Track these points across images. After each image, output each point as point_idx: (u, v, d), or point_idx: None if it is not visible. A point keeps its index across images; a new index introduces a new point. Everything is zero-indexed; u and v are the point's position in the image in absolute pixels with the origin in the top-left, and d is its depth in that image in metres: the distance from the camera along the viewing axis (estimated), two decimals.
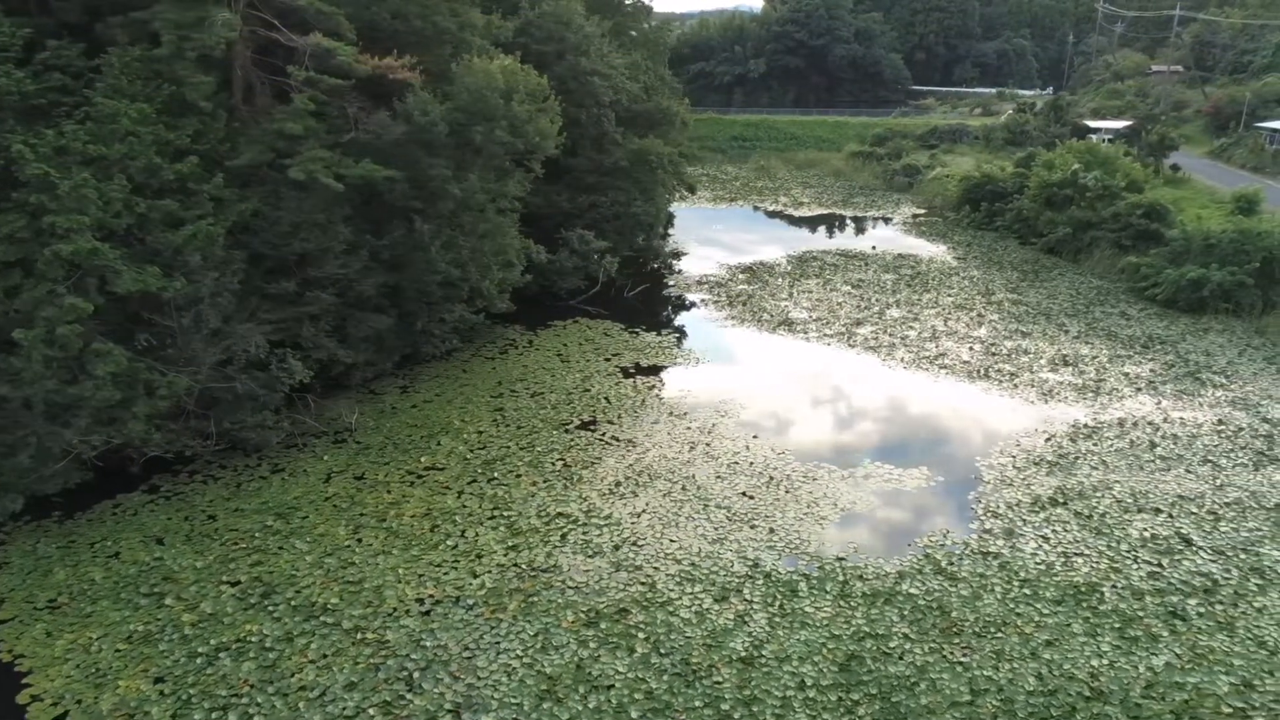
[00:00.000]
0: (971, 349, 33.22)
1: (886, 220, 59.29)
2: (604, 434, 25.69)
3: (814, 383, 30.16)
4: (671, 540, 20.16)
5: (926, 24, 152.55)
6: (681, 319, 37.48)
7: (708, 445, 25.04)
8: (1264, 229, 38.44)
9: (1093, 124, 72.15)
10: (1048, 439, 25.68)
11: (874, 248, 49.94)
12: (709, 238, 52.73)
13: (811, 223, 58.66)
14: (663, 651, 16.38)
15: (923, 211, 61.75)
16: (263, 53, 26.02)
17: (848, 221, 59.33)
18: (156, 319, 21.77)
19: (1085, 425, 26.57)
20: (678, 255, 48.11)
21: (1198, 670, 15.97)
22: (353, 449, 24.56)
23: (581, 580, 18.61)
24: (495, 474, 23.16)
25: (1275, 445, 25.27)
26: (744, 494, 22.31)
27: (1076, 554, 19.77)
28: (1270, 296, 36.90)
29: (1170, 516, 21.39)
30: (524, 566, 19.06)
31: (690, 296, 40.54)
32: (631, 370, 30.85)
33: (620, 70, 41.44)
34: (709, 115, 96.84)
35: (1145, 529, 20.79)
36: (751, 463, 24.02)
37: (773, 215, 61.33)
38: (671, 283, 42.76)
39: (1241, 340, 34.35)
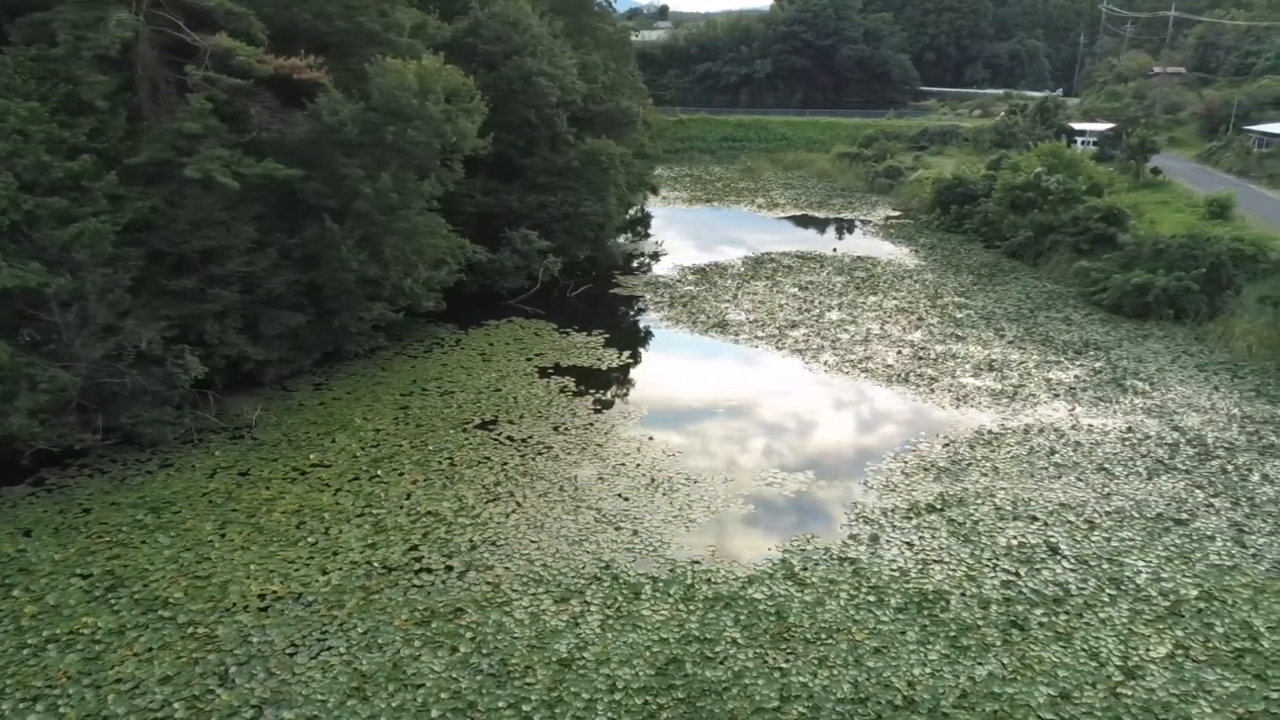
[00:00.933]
0: (900, 353, 32.95)
1: (858, 223, 58.93)
2: (500, 434, 25.77)
3: (728, 386, 30.05)
4: (532, 541, 20.20)
5: (938, 24, 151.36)
6: (618, 320, 37.47)
7: (600, 446, 25.05)
8: (1213, 234, 37.83)
9: (1078, 126, 71.29)
10: (946, 445, 25.44)
11: (834, 250, 49.68)
12: (672, 238, 52.68)
13: (781, 225, 58.42)
14: (484, 652, 16.42)
15: (897, 214, 61.33)
16: (172, 52, 26.32)
17: (817, 224, 59.01)
18: (41, 315, 22.11)
19: (990, 431, 26.29)
20: (653, 255, 48.16)
21: (1018, 681, 15.77)
22: (247, 445, 24.80)
23: (429, 579, 18.69)
24: (379, 472, 23.31)
25: (1177, 454, 24.88)
26: (620, 495, 22.29)
27: (936, 561, 19.58)
28: (1216, 302, 36.31)
29: (1045, 525, 21.12)
30: (376, 565, 19.17)
31: (634, 297, 40.54)
32: (549, 370, 30.91)
33: (571, 70, 41.42)
34: (701, 115, 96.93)
35: (1015, 537, 20.55)
36: (639, 465, 24.00)
37: (744, 217, 61.14)
38: (619, 283, 42.74)
39: (1179, 347, 33.82)
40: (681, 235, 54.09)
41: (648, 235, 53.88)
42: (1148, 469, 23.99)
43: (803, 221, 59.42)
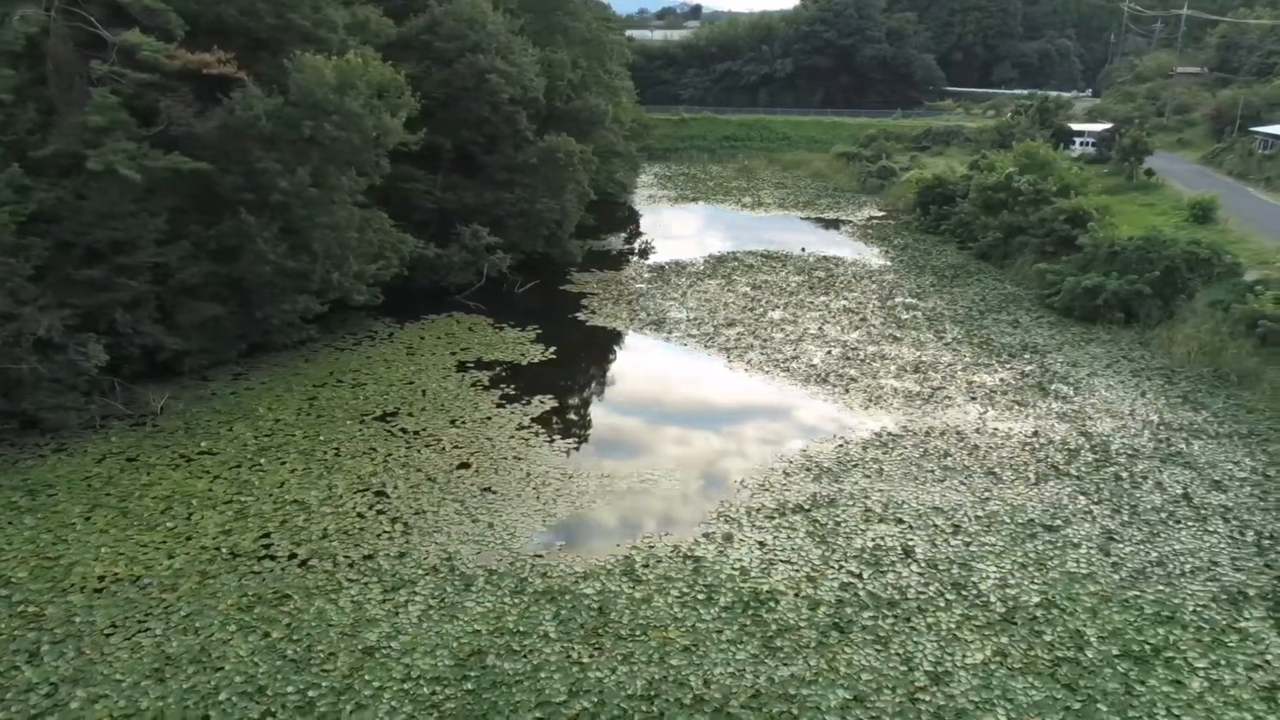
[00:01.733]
0: (829, 353, 32.59)
1: (838, 223, 58.31)
2: (396, 426, 25.99)
3: (639, 383, 30.04)
4: (385, 531, 20.37)
5: (965, 24, 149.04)
6: (557, 316, 37.47)
7: (489, 440, 25.15)
8: (1170, 237, 36.83)
9: (1076, 126, 69.72)
10: (840, 446, 25.11)
11: (803, 250, 49.20)
12: (646, 236, 52.62)
13: (760, 224, 57.97)
14: (295, 638, 16.61)
15: (881, 214, 60.62)
16: (88, 48, 26.93)
17: (796, 224, 58.47)
18: None
19: (889, 433, 25.90)
20: (618, 253, 48.19)
21: (818, 683, 15.55)
22: (145, 432, 25.30)
23: (269, 566, 18.93)
24: (262, 461, 23.65)
25: (1075, 460, 24.30)
26: (488, 489, 22.37)
27: (782, 561, 19.36)
28: (1171, 307, 35.32)
29: (910, 528, 20.77)
30: (224, 551, 19.46)
31: (582, 294, 40.55)
32: (469, 365, 31.08)
33: (528, 68, 41.54)
34: (705, 115, 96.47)
35: (874, 540, 20.23)
36: (520, 459, 24.07)
37: (725, 215, 60.81)
38: (572, 280, 42.79)
39: (1120, 351, 33.00)
40: (657, 233, 54.02)
41: (638, 234, 53.83)
42: (1038, 474, 23.45)
43: (782, 221, 58.94)
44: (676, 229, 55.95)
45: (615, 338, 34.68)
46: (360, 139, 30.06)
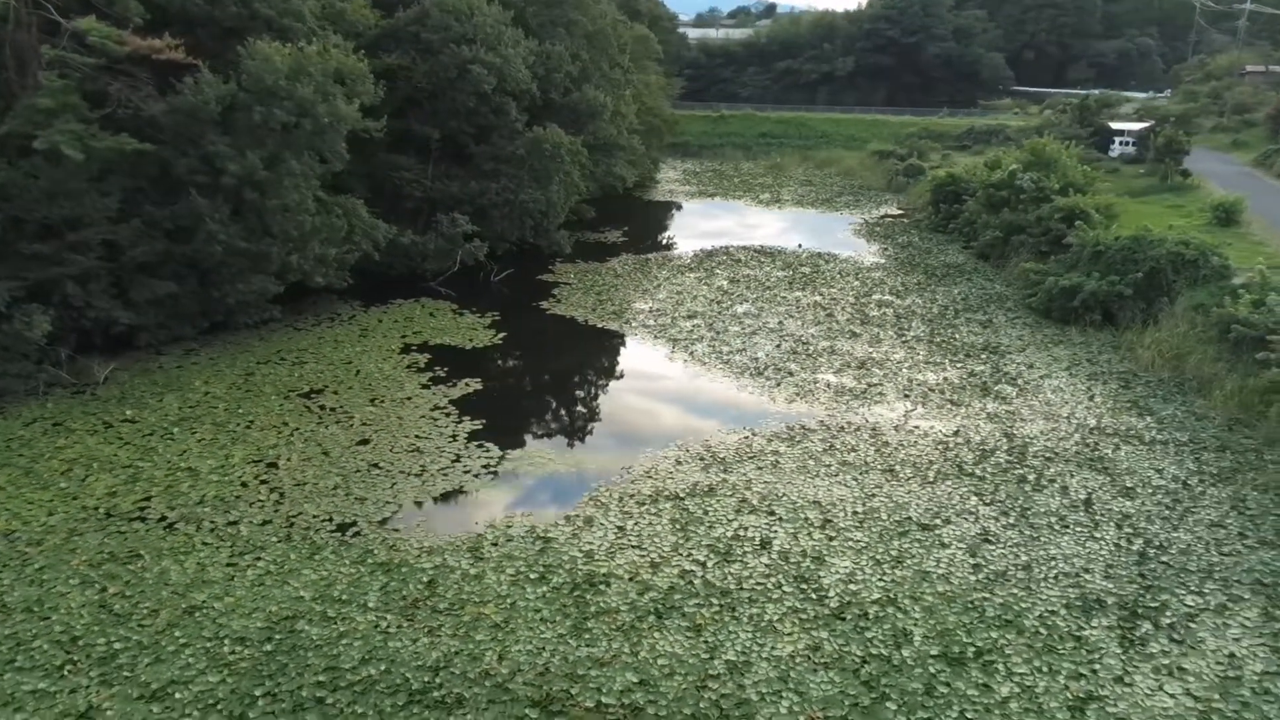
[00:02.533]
0: (779, 347, 32.08)
1: (849, 220, 57.11)
2: (317, 402, 26.64)
3: (572, 370, 30.19)
4: (258, 498, 20.94)
5: (1038, 22, 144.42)
6: (523, 304, 37.70)
7: (399, 419, 25.56)
8: (1158, 238, 35.06)
9: (1116, 125, 66.79)
10: (745, 438, 24.73)
11: (800, 245, 48.47)
12: (640, 230, 52.56)
13: (769, 220, 57.20)
14: (128, 594, 17.23)
15: (899, 213, 59.22)
16: (48, 33, 28.36)
17: (806, 220, 57.47)
18: None
19: (802, 427, 25.39)
20: (610, 245, 48.37)
21: (610, 666, 15.41)
22: (83, 400, 26.50)
23: (138, 527, 19.65)
24: (176, 430, 24.54)
25: (985, 461, 23.43)
26: (376, 465, 22.77)
27: (633, 547, 19.21)
28: (1154, 310, 33.62)
29: (780, 520, 20.35)
30: (102, 511, 20.29)
31: (556, 284, 40.74)
32: (414, 347, 31.61)
33: (513, 59, 41.93)
34: (744, 112, 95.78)
35: (736, 530, 19.90)
36: (422, 436, 24.41)
37: (738, 211, 60.21)
38: (551, 270, 43.02)
39: (1087, 354, 31.61)
40: (658, 228, 53.96)
41: (639, 228, 53.75)
42: (938, 474, 22.69)
43: (793, 218, 58.05)
44: (680, 223, 55.77)
45: (569, 326, 34.79)
46: (313, 125, 30.90)
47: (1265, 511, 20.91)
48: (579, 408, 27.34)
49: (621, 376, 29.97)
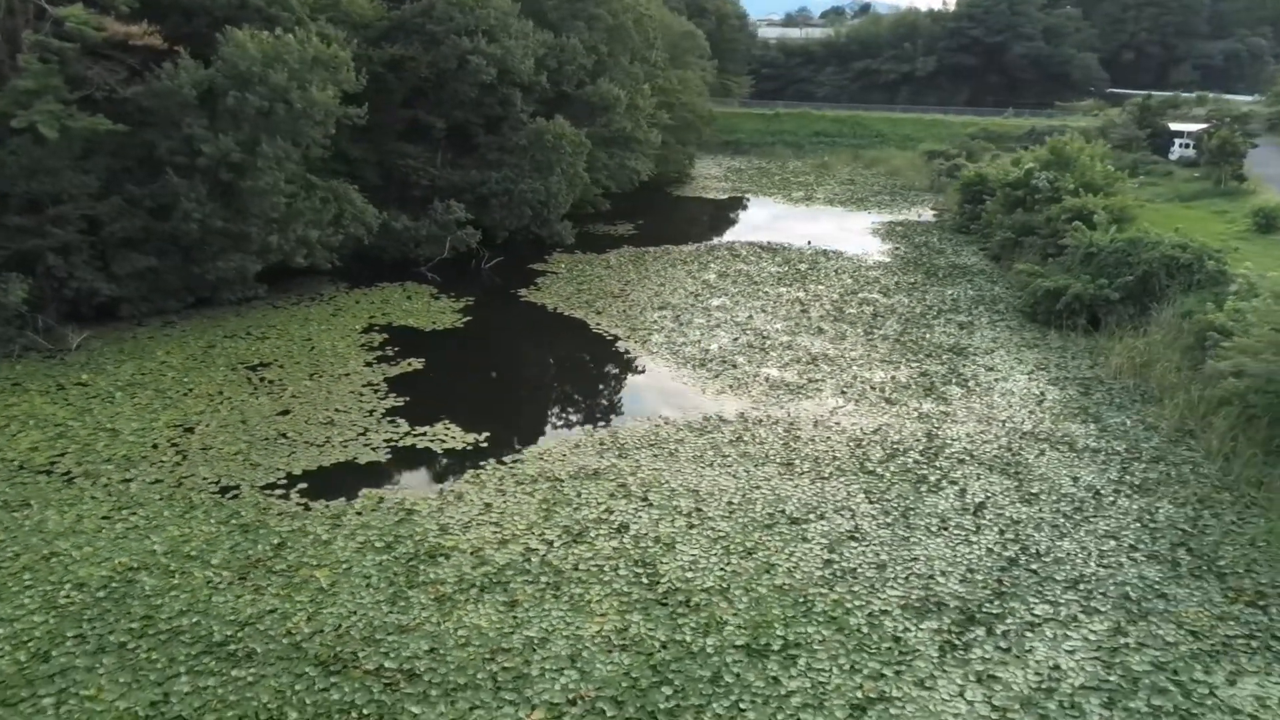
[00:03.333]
0: (735, 340, 31.69)
1: (873, 220, 55.72)
2: (260, 375, 27.67)
3: (517, 354, 30.56)
4: (162, 459, 21.92)
5: (1138, 21, 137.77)
6: (503, 291, 38.24)
7: (329, 394, 26.31)
8: (1154, 240, 33.14)
9: (1175, 126, 63.19)
10: (655, 426, 24.56)
11: (809, 242, 47.65)
12: (653, 224, 52.50)
13: (790, 217, 56.32)
14: (1, 537, 18.34)
15: (933, 212, 57.51)
16: (38, 18, 30.30)
17: (829, 217, 56.34)
18: None
19: (718, 418, 25.07)
20: (617, 237, 48.61)
21: (410, 633, 15.62)
22: (50, 364, 28.18)
23: (41, 480, 20.85)
24: (119, 394, 25.88)
25: (891, 460, 22.67)
26: (283, 434, 23.53)
27: (490, 524, 19.38)
28: (1148, 314, 31.78)
29: (649, 506, 20.18)
30: (14, 464, 21.59)
31: (545, 273, 41.14)
32: (376, 327, 32.46)
33: (514, 50, 42.47)
34: (800, 110, 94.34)
35: (603, 513, 19.83)
36: (343, 410, 25.10)
37: (764, 208, 59.55)
38: (546, 260, 43.42)
39: (1056, 359, 30.17)
40: (672, 223, 53.82)
41: (654, 222, 53.67)
42: (835, 470, 22.08)
43: (817, 216, 57.00)
44: (699, 219, 55.51)
45: (536, 313, 35.14)
46: (287, 111, 32.07)
47: (1170, 526, 19.64)
48: (505, 390, 27.63)
49: (563, 363, 30.16)
